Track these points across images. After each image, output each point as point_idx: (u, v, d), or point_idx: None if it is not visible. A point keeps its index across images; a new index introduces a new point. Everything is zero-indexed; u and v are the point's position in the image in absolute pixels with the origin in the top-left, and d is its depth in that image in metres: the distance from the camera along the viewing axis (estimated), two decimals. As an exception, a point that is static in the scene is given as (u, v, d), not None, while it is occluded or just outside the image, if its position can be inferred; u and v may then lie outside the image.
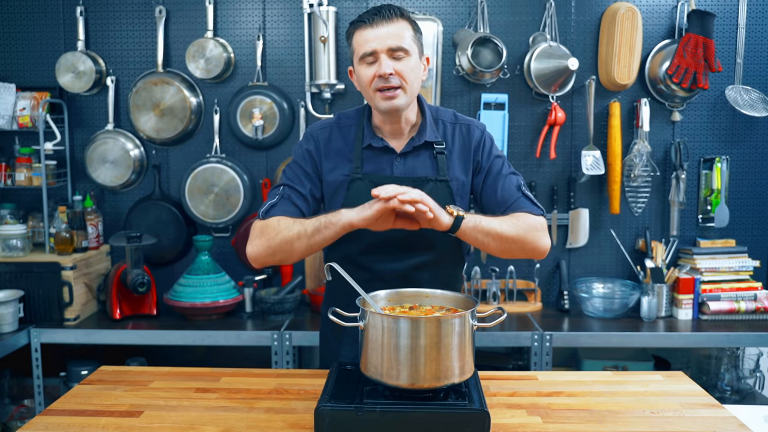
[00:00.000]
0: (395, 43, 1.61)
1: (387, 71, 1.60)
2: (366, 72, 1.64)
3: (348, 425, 1.30)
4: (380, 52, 1.61)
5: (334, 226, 1.56)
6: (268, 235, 1.64)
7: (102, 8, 3.12)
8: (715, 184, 3.07)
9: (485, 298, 3.06)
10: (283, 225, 1.63)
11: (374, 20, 1.61)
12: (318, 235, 1.58)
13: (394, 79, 1.61)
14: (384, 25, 1.61)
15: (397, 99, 1.63)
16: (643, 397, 1.57)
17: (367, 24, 1.62)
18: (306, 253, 1.63)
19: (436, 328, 1.32)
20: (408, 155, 1.72)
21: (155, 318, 2.96)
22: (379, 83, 1.62)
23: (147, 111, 3.07)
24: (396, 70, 1.61)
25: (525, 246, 1.64)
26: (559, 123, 3.01)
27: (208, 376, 1.71)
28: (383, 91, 1.62)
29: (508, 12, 3.07)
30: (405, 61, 1.62)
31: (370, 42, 1.61)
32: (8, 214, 3.05)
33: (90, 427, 1.42)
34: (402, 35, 1.62)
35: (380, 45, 1.61)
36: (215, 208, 3.09)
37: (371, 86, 1.64)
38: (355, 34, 1.65)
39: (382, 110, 1.66)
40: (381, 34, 1.61)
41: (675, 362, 3.13)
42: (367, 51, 1.62)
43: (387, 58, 1.61)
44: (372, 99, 1.67)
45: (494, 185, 1.72)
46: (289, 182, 1.74)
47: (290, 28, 3.11)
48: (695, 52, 2.90)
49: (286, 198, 1.71)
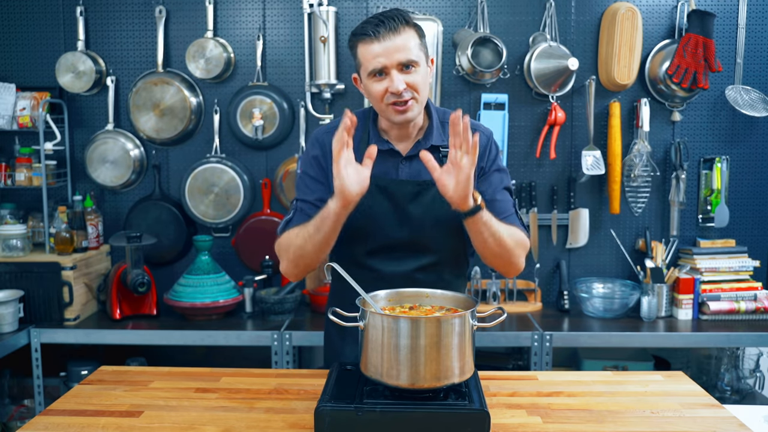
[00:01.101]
0: (405, 57, 1.57)
1: (400, 87, 1.56)
2: (377, 87, 1.60)
3: (348, 425, 1.30)
4: (390, 68, 1.57)
5: (328, 218, 1.56)
6: (285, 251, 1.68)
7: (102, 8, 3.12)
8: (715, 184, 3.07)
9: (485, 298, 3.06)
10: (292, 236, 1.65)
11: (380, 33, 1.56)
12: (319, 233, 1.58)
13: (406, 93, 1.58)
14: (390, 37, 1.56)
15: (410, 111, 1.61)
16: (643, 397, 1.57)
17: (372, 37, 1.57)
18: (320, 253, 1.63)
19: (436, 328, 1.32)
20: (413, 158, 1.70)
21: (155, 318, 2.96)
22: (392, 99, 1.59)
23: (147, 111, 3.07)
24: (407, 83, 1.58)
25: (511, 259, 1.65)
26: (559, 123, 3.01)
27: (208, 376, 1.70)
28: (396, 105, 1.60)
29: (508, 12, 3.07)
30: (415, 73, 1.59)
31: (378, 57, 1.57)
32: (8, 214, 3.05)
33: (90, 427, 1.42)
34: (409, 47, 1.58)
35: (389, 60, 1.56)
36: (215, 208, 3.09)
37: (383, 101, 1.61)
38: (360, 47, 1.60)
39: (395, 122, 1.65)
40: (389, 48, 1.56)
41: (675, 362, 3.13)
42: (376, 67, 1.58)
43: (397, 73, 1.57)
44: (384, 111, 1.64)
45: (491, 198, 1.72)
46: (301, 195, 1.74)
47: (290, 28, 3.11)
48: (695, 52, 2.90)
49: (300, 211, 1.72)
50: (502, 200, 1.73)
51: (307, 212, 1.70)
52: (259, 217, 3.14)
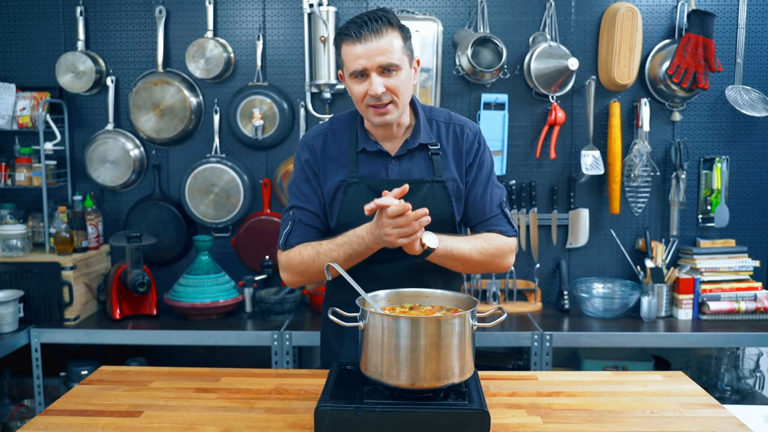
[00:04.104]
0: (385, 60, 1.57)
1: (378, 91, 1.57)
2: (357, 88, 1.61)
3: (348, 425, 1.30)
4: (370, 70, 1.58)
5: (364, 253, 1.63)
6: (297, 268, 1.70)
7: (102, 8, 3.12)
8: (715, 184, 3.07)
9: (485, 298, 3.06)
10: (307, 257, 1.67)
11: (362, 34, 1.56)
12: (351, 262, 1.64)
13: (385, 96, 1.60)
14: (372, 39, 1.56)
15: (389, 115, 1.63)
16: (643, 397, 1.57)
17: (354, 38, 1.57)
18: None
19: (436, 328, 1.32)
20: (403, 158, 1.72)
21: (155, 318, 2.96)
22: (371, 101, 1.61)
23: (147, 111, 3.07)
24: (387, 86, 1.59)
25: (489, 268, 1.73)
26: (559, 123, 3.01)
27: (208, 376, 1.71)
28: (375, 107, 1.62)
29: (508, 12, 3.07)
30: (395, 77, 1.59)
31: (359, 59, 1.57)
32: (8, 214, 3.05)
33: (90, 427, 1.42)
34: (391, 49, 1.58)
35: (370, 63, 1.57)
36: (215, 208, 3.09)
37: (363, 102, 1.63)
38: (344, 47, 1.61)
39: (374, 124, 1.67)
40: (370, 50, 1.56)
41: (675, 362, 3.13)
42: (357, 69, 1.58)
43: (377, 76, 1.58)
44: (364, 113, 1.66)
45: (477, 195, 1.74)
46: (297, 203, 1.75)
47: (290, 28, 3.11)
48: (695, 52, 2.90)
49: (298, 222, 1.73)
50: (487, 199, 1.74)
51: (306, 222, 1.72)
52: (259, 217, 3.14)
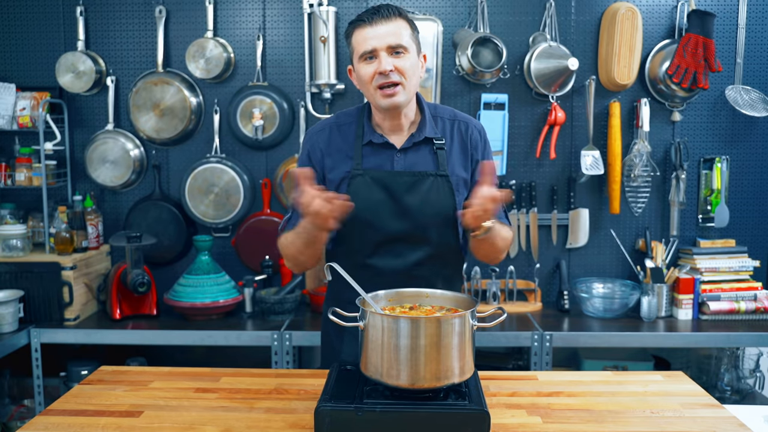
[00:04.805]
0: (394, 41, 1.65)
1: (387, 68, 1.64)
2: (366, 69, 1.68)
3: (348, 425, 1.30)
4: (380, 50, 1.65)
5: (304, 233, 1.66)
6: (284, 251, 1.78)
7: (102, 8, 3.12)
8: (715, 184, 3.07)
9: (485, 298, 3.06)
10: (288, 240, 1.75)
11: (373, 19, 1.66)
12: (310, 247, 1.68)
13: (394, 75, 1.65)
14: (383, 23, 1.66)
15: (397, 96, 1.67)
16: (643, 397, 1.57)
17: (366, 23, 1.67)
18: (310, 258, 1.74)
19: (436, 328, 1.32)
20: (408, 151, 1.75)
21: (155, 318, 2.96)
22: (380, 80, 1.66)
23: (147, 111, 3.07)
24: (396, 66, 1.65)
25: (498, 256, 1.79)
26: (559, 123, 3.01)
27: (208, 376, 1.71)
28: (383, 89, 1.66)
29: (508, 12, 3.07)
30: (404, 59, 1.67)
31: (369, 40, 1.66)
32: (8, 214, 3.05)
33: (90, 427, 1.42)
34: (400, 33, 1.66)
35: (380, 43, 1.65)
36: (215, 208, 3.09)
37: (372, 83, 1.68)
38: (355, 33, 1.69)
39: (382, 107, 1.70)
40: (380, 32, 1.65)
41: (675, 362, 3.13)
42: (367, 49, 1.66)
43: (387, 56, 1.65)
44: (372, 96, 1.70)
45: None
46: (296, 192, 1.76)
47: (290, 28, 3.11)
48: (695, 52, 2.90)
49: (296, 211, 1.74)
50: None
51: None
52: (259, 217, 3.14)
